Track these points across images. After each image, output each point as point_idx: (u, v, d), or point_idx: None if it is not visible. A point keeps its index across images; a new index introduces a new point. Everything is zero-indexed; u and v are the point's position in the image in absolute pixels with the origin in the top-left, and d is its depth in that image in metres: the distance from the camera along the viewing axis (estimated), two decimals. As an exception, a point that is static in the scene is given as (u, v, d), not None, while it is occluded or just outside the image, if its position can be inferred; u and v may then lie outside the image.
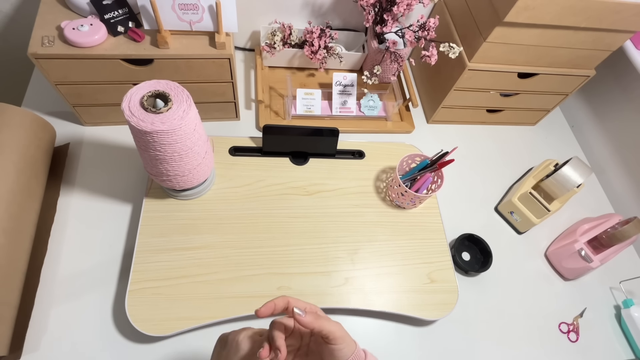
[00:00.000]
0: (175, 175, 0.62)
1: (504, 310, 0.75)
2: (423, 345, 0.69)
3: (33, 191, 0.65)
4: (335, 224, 0.75)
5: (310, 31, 0.88)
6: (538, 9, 0.68)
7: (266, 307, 0.41)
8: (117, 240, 0.70)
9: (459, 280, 0.74)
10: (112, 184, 0.75)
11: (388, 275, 0.71)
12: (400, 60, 0.89)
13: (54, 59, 0.65)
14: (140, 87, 0.55)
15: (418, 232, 0.77)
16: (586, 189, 0.94)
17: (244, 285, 0.66)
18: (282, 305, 0.41)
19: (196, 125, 0.58)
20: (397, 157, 0.77)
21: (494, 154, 0.97)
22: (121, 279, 0.66)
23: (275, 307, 0.41)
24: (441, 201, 0.81)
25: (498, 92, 0.90)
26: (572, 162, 0.81)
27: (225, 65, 0.72)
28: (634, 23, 0.74)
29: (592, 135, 1.05)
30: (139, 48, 0.67)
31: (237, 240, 0.70)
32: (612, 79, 0.98)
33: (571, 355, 0.73)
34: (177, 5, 0.65)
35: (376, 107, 0.92)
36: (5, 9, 0.89)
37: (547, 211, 0.82)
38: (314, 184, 0.78)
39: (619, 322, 0.79)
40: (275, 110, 0.90)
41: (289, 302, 0.41)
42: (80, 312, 0.63)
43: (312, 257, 0.70)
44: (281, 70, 0.97)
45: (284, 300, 0.41)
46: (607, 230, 0.79)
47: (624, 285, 0.81)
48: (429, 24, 0.79)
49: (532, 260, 0.83)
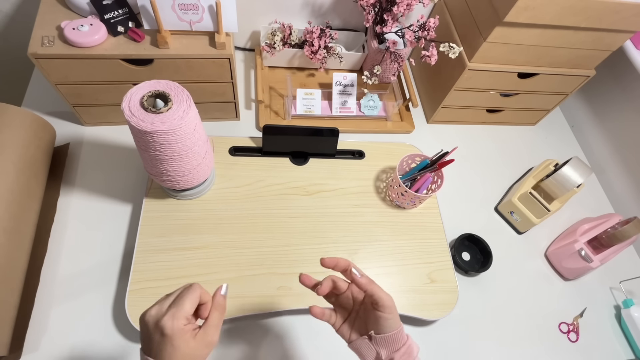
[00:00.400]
0: (175, 175, 0.62)
1: (504, 310, 0.75)
2: (423, 345, 0.69)
3: (33, 191, 0.65)
4: (335, 224, 0.75)
5: (310, 31, 0.88)
6: (538, 9, 0.68)
7: (330, 260, 0.46)
8: (117, 240, 0.70)
9: (459, 280, 0.74)
10: (112, 184, 0.75)
11: (388, 275, 0.71)
12: (400, 60, 0.89)
13: (54, 59, 0.65)
14: (140, 87, 0.55)
15: (418, 232, 0.77)
16: (586, 189, 0.94)
17: (244, 285, 0.66)
18: (343, 265, 0.46)
19: (196, 125, 0.58)
20: (397, 157, 0.77)
21: (494, 154, 0.97)
22: (121, 279, 0.66)
23: (337, 263, 0.45)
24: (441, 201, 0.81)
25: (498, 92, 0.90)
26: (572, 162, 0.81)
27: (225, 65, 0.72)
28: (634, 23, 0.74)
29: (592, 135, 1.05)
30: (139, 48, 0.67)
31: (237, 240, 0.70)
32: (612, 79, 0.98)
33: (571, 355, 0.73)
34: (177, 5, 0.65)
35: (376, 107, 0.92)
36: (5, 9, 0.89)
37: (547, 211, 0.82)
38: (314, 184, 0.78)
39: (619, 322, 0.79)
40: (275, 110, 0.90)
41: (349, 264, 0.46)
42: (80, 312, 0.63)
43: (312, 257, 0.70)
44: (281, 70, 0.97)
45: (346, 262, 0.46)
46: (607, 230, 0.79)
47: (624, 285, 0.81)
48: (429, 24, 0.79)
49: (532, 260, 0.83)
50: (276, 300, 0.65)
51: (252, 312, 0.64)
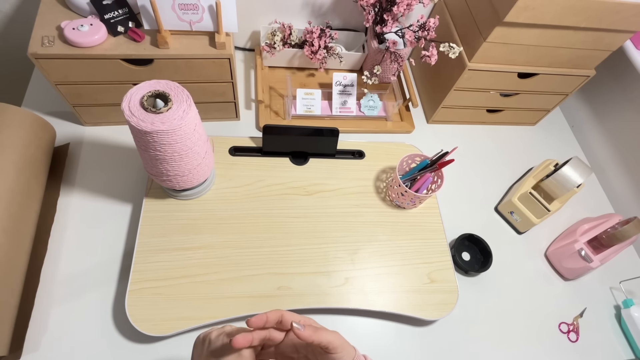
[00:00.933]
0: (175, 175, 0.62)
1: (504, 310, 0.75)
2: (423, 345, 0.69)
3: (33, 191, 0.65)
4: (335, 224, 0.75)
5: (310, 31, 0.88)
6: (538, 9, 0.68)
7: (258, 319, 0.39)
8: (117, 240, 0.70)
9: (459, 280, 0.74)
10: (112, 184, 0.75)
11: (388, 275, 0.71)
12: (400, 60, 0.89)
13: (54, 59, 0.65)
14: (140, 87, 0.55)
15: (418, 232, 0.77)
16: (586, 189, 0.94)
17: (244, 285, 0.66)
18: (274, 317, 0.39)
19: (196, 125, 0.58)
20: (397, 157, 0.77)
21: (493, 154, 0.97)
22: (121, 279, 0.66)
23: (267, 320, 0.39)
24: (441, 201, 0.81)
25: (498, 92, 0.90)
26: (572, 162, 0.81)
27: (225, 65, 0.72)
28: (634, 23, 0.74)
29: (592, 135, 1.05)
30: (139, 48, 0.67)
31: (237, 240, 0.70)
32: (612, 79, 0.98)
33: (571, 355, 0.73)
34: (177, 5, 0.65)
35: (376, 107, 0.92)
36: (5, 9, 0.89)
37: (547, 211, 0.82)
38: (314, 184, 0.78)
39: (619, 322, 0.79)
40: (275, 110, 0.90)
41: (282, 315, 0.40)
42: (80, 312, 0.63)
43: (312, 257, 0.70)
44: (281, 70, 0.97)
45: (277, 314, 0.40)
46: (607, 230, 0.79)
47: (624, 285, 0.81)
48: (429, 24, 0.79)
49: (532, 260, 0.83)
50: (276, 300, 0.65)
51: (252, 312, 0.64)
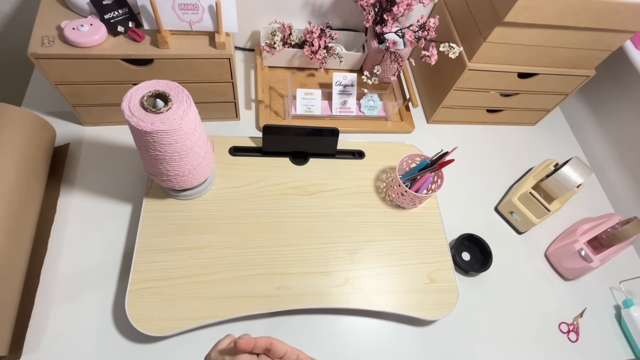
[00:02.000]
0: (175, 175, 0.62)
1: (504, 310, 0.75)
2: (423, 345, 0.69)
3: (33, 191, 0.65)
4: (335, 224, 0.75)
5: (310, 31, 0.88)
6: (538, 9, 0.68)
7: (245, 342, 0.38)
8: (117, 240, 0.70)
9: (459, 280, 0.74)
10: (112, 184, 0.75)
11: (388, 275, 0.71)
12: (400, 60, 0.89)
13: (54, 59, 0.65)
14: (140, 87, 0.55)
15: (418, 232, 0.77)
16: (586, 189, 0.94)
17: (244, 285, 0.66)
18: (263, 344, 0.39)
19: (196, 125, 0.58)
20: (397, 157, 0.77)
21: (493, 154, 0.97)
22: (121, 279, 0.66)
23: (255, 345, 0.38)
24: (441, 201, 0.81)
25: (498, 92, 0.90)
26: (572, 162, 0.81)
27: (225, 65, 0.72)
28: (634, 23, 0.74)
29: (592, 135, 1.05)
30: (139, 48, 0.67)
31: (237, 240, 0.70)
32: (612, 79, 0.98)
33: (571, 355, 0.73)
34: (177, 5, 0.65)
35: (376, 107, 0.92)
36: (5, 9, 0.89)
37: (547, 211, 0.82)
38: (314, 184, 0.78)
39: (619, 322, 0.79)
40: (275, 110, 0.90)
41: (271, 343, 0.39)
42: (80, 312, 0.63)
43: (312, 257, 0.70)
44: (281, 70, 0.97)
45: (267, 341, 0.39)
46: (607, 230, 0.79)
47: (624, 285, 0.81)
48: (429, 24, 0.79)
49: (532, 260, 0.83)
50: (276, 300, 0.65)
51: (252, 312, 0.64)
